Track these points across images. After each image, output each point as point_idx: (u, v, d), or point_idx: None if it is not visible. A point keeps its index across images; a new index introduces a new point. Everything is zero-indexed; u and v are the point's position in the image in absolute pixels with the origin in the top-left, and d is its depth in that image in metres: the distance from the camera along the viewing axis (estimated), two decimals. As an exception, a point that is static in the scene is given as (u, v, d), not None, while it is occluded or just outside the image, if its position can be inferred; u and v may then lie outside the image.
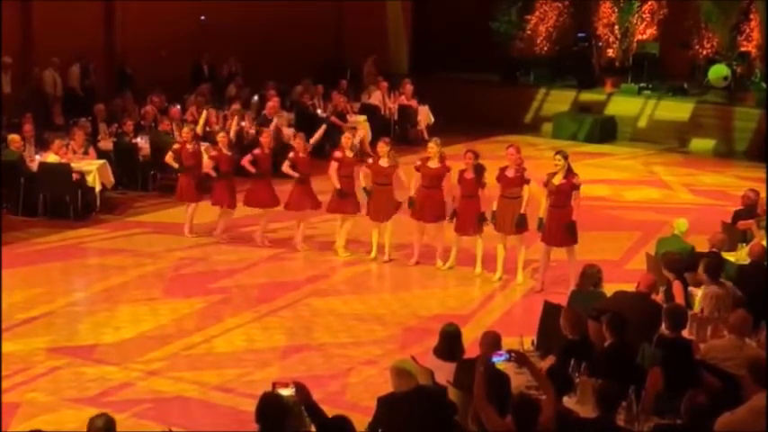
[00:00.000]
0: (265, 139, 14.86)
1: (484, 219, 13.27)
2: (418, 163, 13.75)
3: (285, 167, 14.39)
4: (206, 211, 15.10)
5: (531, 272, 13.44)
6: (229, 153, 14.79)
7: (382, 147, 13.95)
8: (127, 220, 16.07)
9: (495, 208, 13.09)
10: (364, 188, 14.00)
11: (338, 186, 13.99)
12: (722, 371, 8.06)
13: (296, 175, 14.29)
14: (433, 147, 13.75)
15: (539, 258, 13.11)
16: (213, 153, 14.85)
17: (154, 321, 11.79)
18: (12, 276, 12.86)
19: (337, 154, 14.17)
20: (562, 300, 10.14)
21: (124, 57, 21.09)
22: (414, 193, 13.70)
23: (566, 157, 12.75)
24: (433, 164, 13.58)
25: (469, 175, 13.23)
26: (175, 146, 15.28)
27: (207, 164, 14.91)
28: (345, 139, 14.42)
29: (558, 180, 12.68)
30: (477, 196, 13.28)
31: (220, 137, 14.99)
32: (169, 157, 15.13)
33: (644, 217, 16.73)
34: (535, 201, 13.12)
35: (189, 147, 15.03)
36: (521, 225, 13.01)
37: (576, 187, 12.71)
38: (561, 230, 12.72)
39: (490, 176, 13.30)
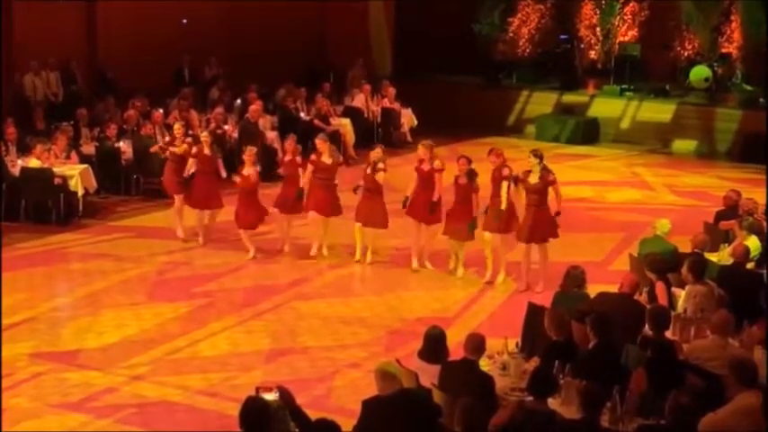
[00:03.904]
0: (249, 157, 14.32)
1: (475, 226, 13.31)
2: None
3: (282, 170, 14.53)
4: (192, 212, 15.08)
5: (512, 274, 13.46)
6: (210, 153, 14.76)
7: (376, 153, 14.00)
8: (110, 225, 16.02)
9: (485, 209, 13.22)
10: (356, 187, 13.98)
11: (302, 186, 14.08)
12: (705, 371, 8.09)
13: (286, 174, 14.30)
14: (420, 149, 13.87)
15: (519, 260, 13.17)
16: (194, 151, 14.76)
17: (137, 326, 11.76)
18: (-6, 281, 12.80)
19: (312, 157, 14.22)
20: (546, 301, 10.16)
21: (106, 61, 21.01)
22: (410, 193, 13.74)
23: (539, 157, 12.82)
24: (425, 166, 13.67)
25: (463, 180, 13.26)
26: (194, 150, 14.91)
27: (190, 163, 14.82)
28: (320, 143, 14.35)
29: (533, 179, 12.78)
30: (471, 202, 13.30)
31: (203, 136, 15.04)
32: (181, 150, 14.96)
33: (627, 218, 16.78)
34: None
35: (207, 151, 14.84)
36: (507, 226, 13.09)
37: (551, 183, 12.86)
38: (539, 227, 12.82)
39: (484, 177, 13.35)
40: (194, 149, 14.78)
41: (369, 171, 13.93)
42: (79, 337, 11.43)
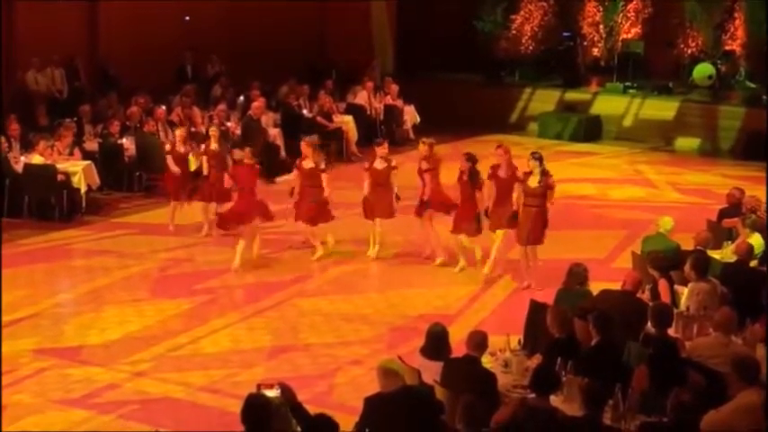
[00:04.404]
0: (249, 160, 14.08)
1: (480, 220, 13.32)
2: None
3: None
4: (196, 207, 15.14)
5: (513, 272, 13.45)
6: (218, 148, 14.92)
7: (383, 149, 14.03)
8: (112, 221, 16.03)
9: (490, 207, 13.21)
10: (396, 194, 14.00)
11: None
12: (708, 368, 8.08)
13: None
14: (420, 146, 14.01)
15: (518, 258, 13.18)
16: (202, 148, 14.92)
17: (140, 322, 11.76)
18: (-4, 278, 12.81)
19: (297, 161, 14.22)
20: (548, 298, 10.16)
21: (108, 58, 21.02)
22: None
23: (539, 159, 12.76)
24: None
25: (465, 177, 13.26)
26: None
27: (202, 161, 14.93)
28: (304, 145, 14.23)
29: (533, 183, 12.73)
30: (474, 199, 13.28)
31: (211, 131, 15.14)
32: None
33: (629, 215, 16.76)
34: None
35: (214, 146, 14.92)
36: (512, 222, 13.07)
37: (551, 187, 12.79)
38: (536, 229, 12.78)
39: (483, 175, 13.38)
40: (202, 146, 14.92)
41: (381, 167, 13.92)
42: (82, 334, 11.43)
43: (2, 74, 18.61)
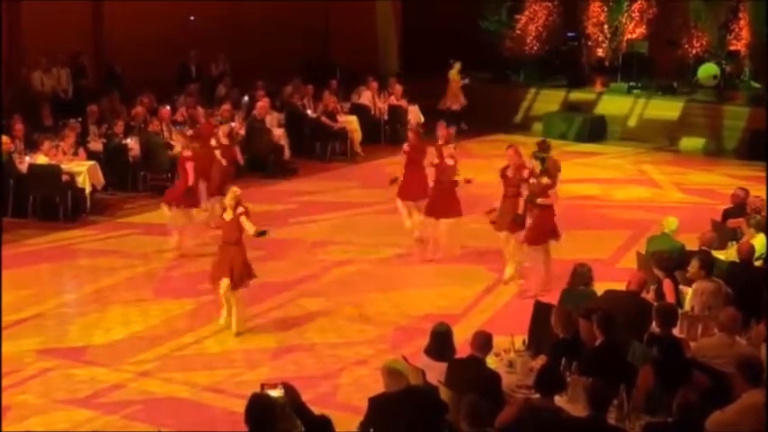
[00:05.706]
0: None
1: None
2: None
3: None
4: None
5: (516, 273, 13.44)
6: (227, 143, 15.31)
7: (448, 148, 14.05)
8: (117, 221, 16.04)
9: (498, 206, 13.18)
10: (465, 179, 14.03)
11: None
12: (712, 369, 8.08)
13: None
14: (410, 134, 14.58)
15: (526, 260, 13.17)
16: (212, 143, 15.21)
17: (144, 322, 11.77)
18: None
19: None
20: (553, 299, 10.15)
21: (113, 57, 21.03)
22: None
23: (541, 160, 12.74)
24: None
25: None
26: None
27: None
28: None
29: (544, 181, 12.71)
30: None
31: (222, 128, 15.47)
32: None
33: (634, 216, 16.74)
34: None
35: (224, 141, 15.35)
36: (517, 223, 13.03)
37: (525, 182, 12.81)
38: (542, 229, 12.77)
39: (494, 174, 13.38)
40: (213, 141, 15.26)
41: (451, 163, 13.89)
42: (86, 334, 11.44)
43: (4, 73, 18.63)
